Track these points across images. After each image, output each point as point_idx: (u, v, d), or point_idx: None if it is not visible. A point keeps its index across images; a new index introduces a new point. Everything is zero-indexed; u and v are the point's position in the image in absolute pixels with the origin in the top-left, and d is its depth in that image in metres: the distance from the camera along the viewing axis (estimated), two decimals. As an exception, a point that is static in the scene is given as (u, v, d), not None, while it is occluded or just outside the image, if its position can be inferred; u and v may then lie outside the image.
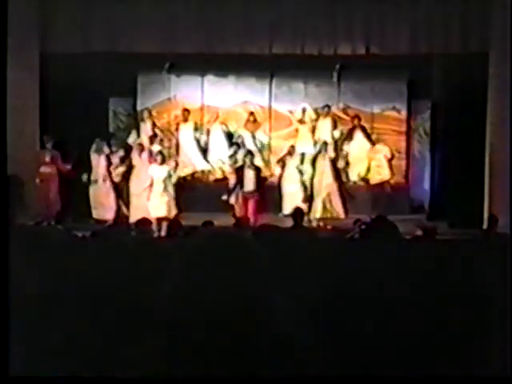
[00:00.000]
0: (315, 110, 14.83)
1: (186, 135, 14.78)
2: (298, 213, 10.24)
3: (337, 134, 14.57)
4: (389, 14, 13.26)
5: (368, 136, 14.83)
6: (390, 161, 14.58)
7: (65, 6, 13.18)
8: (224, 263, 2.63)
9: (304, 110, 14.72)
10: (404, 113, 15.10)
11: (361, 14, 13.30)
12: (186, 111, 14.81)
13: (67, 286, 3.40)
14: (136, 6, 13.22)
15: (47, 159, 13.49)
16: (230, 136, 14.85)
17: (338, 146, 14.57)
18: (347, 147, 14.75)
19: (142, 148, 13.56)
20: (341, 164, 14.54)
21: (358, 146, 14.77)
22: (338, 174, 13.77)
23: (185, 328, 2.52)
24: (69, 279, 3.48)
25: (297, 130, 14.72)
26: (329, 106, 14.76)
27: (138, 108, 15.20)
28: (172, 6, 13.27)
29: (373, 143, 14.74)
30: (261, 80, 15.17)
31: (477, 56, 12.96)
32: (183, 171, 14.14)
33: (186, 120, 14.76)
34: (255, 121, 14.89)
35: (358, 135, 14.80)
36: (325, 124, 14.68)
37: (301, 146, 14.27)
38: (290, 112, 14.99)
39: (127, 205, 13.43)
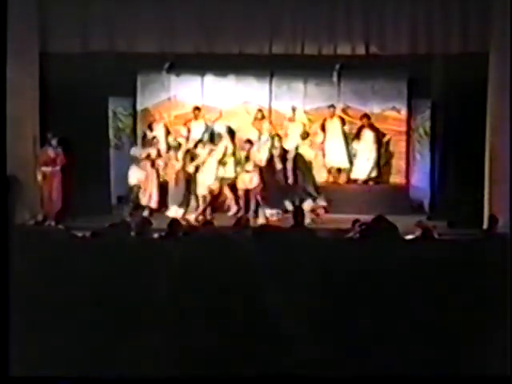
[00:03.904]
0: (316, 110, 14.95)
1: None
2: (298, 212, 10.23)
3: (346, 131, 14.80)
4: (389, 14, 13.25)
5: (377, 135, 14.89)
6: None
7: (64, 6, 13.17)
8: (224, 262, 2.63)
9: (294, 109, 14.84)
10: (404, 112, 15.10)
11: (361, 14, 13.28)
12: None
13: (67, 286, 3.40)
14: (136, 6, 13.21)
15: (52, 156, 13.47)
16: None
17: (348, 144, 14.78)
18: (356, 146, 14.85)
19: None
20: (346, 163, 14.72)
21: (365, 146, 14.86)
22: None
23: (184, 327, 2.52)
24: (69, 279, 3.48)
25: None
26: (334, 106, 14.87)
27: (138, 108, 15.22)
28: (172, 5, 13.26)
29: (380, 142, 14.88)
30: (261, 80, 15.18)
31: (477, 56, 12.95)
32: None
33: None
34: (263, 118, 14.87)
35: (367, 134, 14.85)
36: (333, 124, 14.79)
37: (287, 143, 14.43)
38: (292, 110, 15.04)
39: None
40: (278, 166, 14.09)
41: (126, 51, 13.54)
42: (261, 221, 13.20)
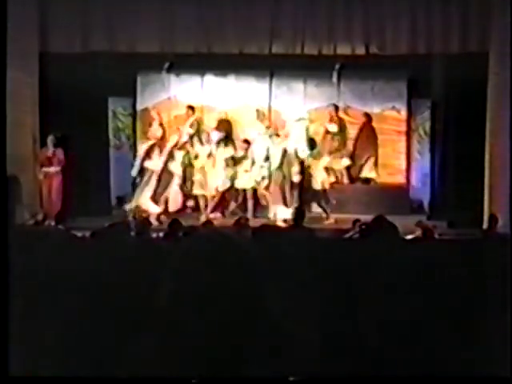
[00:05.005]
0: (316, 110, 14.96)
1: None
2: (298, 213, 10.25)
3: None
4: (389, 14, 13.25)
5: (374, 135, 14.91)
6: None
7: (64, 6, 13.17)
8: (223, 263, 2.63)
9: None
10: (404, 113, 15.11)
11: (360, 14, 13.29)
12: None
13: (67, 286, 3.40)
14: (136, 6, 13.21)
15: (51, 156, 13.47)
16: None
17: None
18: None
19: None
20: (346, 162, 14.73)
21: (363, 145, 14.89)
22: None
23: (184, 328, 2.52)
24: (68, 279, 3.48)
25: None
26: (335, 106, 14.83)
27: (138, 108, 15.23)
28: (172, 5, 13.26)
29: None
30: (261, 80, 15.18)
31: (477, 56, 12.95)
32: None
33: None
34: (262, 118, 14.84)
35: (366, 134, 14.87)
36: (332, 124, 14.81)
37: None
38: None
39: None
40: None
41: (126, 51, 13.55)
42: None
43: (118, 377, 2.72)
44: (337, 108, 14.80)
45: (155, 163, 14.03)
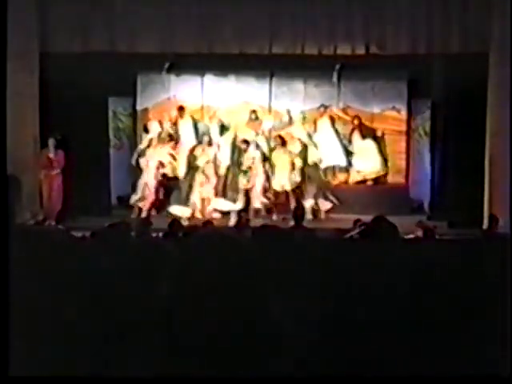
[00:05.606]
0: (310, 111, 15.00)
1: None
2: (298, 212, 10.24)
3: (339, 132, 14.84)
4: (389, 14, 13.25)
5: (363, 137, 14.91)
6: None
7: (64, 6, 13.17)
8: (224, 262, 2.63)
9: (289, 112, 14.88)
10: (404, 113, 15.11)
11: (361, 14, 13.29)
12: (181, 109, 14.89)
13: (67, 286, 3.40)
14: (136, 6, 13.21)
15: (52, 157, 13.48)
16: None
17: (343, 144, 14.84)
18: (351, 147, 14.89)
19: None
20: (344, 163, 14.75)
21: (357, 146, 14.91)
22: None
23: (184, 328, 2.52)
24: (68, 279, 3.48)
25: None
26: (325, 106, 14.87)
27: (138, 108, 15.23)
28: (172, 5, 13.26)
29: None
30: (261, 80, 15.18)
31: (477, 56, 12.95)
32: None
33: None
34: (257, 118, 14.86)
35: (356, 136, 14.90)
36: (323, 124, 14.81)
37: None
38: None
39: None
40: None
41: (126, 51, 13.54)
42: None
43: (118, 377, 2.72)
44: (326, 108, 14.89)
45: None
